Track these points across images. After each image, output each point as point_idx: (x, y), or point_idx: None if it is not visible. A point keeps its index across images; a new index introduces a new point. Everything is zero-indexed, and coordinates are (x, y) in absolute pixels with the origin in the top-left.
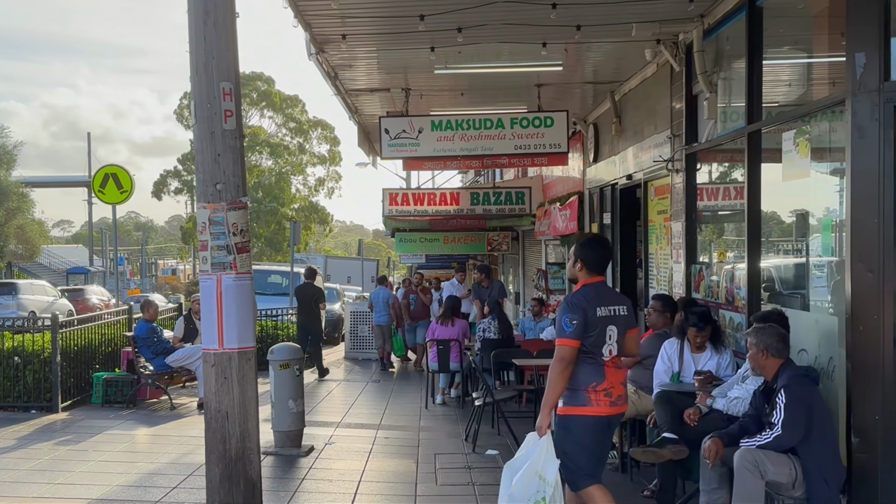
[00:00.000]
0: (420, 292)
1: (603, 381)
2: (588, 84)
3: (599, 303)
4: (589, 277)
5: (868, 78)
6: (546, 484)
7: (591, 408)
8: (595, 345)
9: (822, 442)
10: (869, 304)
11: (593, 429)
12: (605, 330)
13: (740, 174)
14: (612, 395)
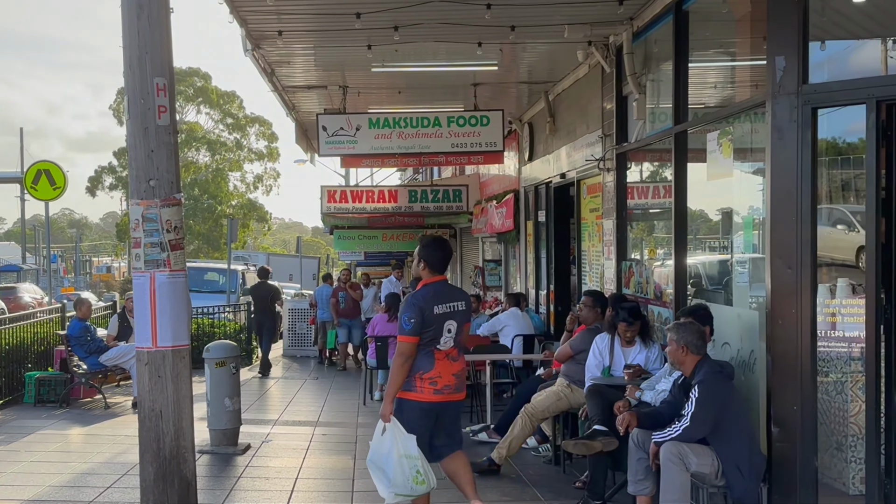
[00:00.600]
0: (349, 289)
1: (430, 371)
2: (523, 84)
3: (437, 301)
4: (431, 277)
5: (787, 81)
6: (413, 459)
7: (416, 393)
8: (433, 339)
9: (736, 434)
10: (787, 298)
11: (418, 413)
12: (442, 325)
13: (668, 173)
14: (438, 384)
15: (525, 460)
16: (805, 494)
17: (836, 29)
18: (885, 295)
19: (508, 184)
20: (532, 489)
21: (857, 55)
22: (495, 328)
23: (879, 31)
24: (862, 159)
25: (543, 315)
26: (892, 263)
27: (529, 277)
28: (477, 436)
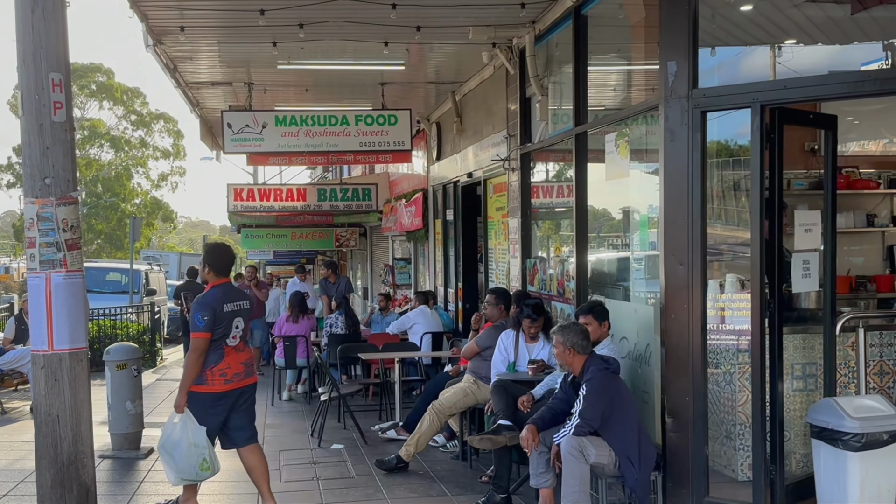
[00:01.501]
0: (254, 288)
1: (220, 363)
2: (431, 84)
3: (226, 300)
4: (217, 279)
5: (679, 85)
6: (201, 448)
7: (207, 386)
8: (223, 335)
9: (626, 427)
10: (680, 294)
11: (210, 403)
12: (231, 322)
13: (570, 173)
14: (228, 374)
15: (433, 457)
16: (697, 482)
17: (725, 36)
18: (769, 289)
19: (417, 183)
20: (439, 485)
21: (747, 61)
22: (404, 326)
23: (766, 39)
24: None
25: (452, 312)
26: (775, 260)
27: (438, 275)
28: (385, 434)
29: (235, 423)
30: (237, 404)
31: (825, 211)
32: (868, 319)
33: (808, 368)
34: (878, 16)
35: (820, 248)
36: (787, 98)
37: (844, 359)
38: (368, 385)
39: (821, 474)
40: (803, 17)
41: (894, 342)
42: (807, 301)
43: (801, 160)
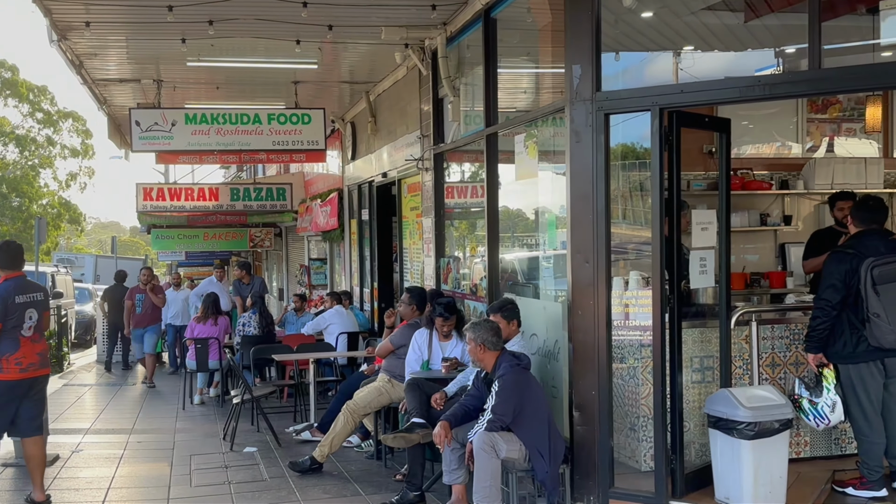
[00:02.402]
0: (149, 292)
1: (16, 352)
2: (345, 83)
3: (18, 292)
4: (8, 273)
5: (583, 88)
6: None
7: (2, 374)
8: (16, 325)
9: (536, 421)
10: (586, 291)
11: (5, 391)
12: (24, 313)
13: (482, 174)
14: (23, 363)
15: (347, 457)
16: (602, 473)
17: (629, 41)
18: (669, 286)
19: (333, 182)
20: (353, 485)
21: (652, 66)
22: (320, 326)
23: (667, 45)
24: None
25: (368, 312)
26: (674, 257)
27: (354, 275)
28: (300, 435)
29: (26, 412)
30: (30, 394)
31: (720, 210)
32: (760, 314)
33: (706, 361)
34: (770, 24)
35: (716, 245)
36: (683, 102)
37: (739, 351)
38: (283, 386)
39: (717, 462)
40: (701, 24)
41: (785, 335)
42: (704, 297)
43: (699, 162)
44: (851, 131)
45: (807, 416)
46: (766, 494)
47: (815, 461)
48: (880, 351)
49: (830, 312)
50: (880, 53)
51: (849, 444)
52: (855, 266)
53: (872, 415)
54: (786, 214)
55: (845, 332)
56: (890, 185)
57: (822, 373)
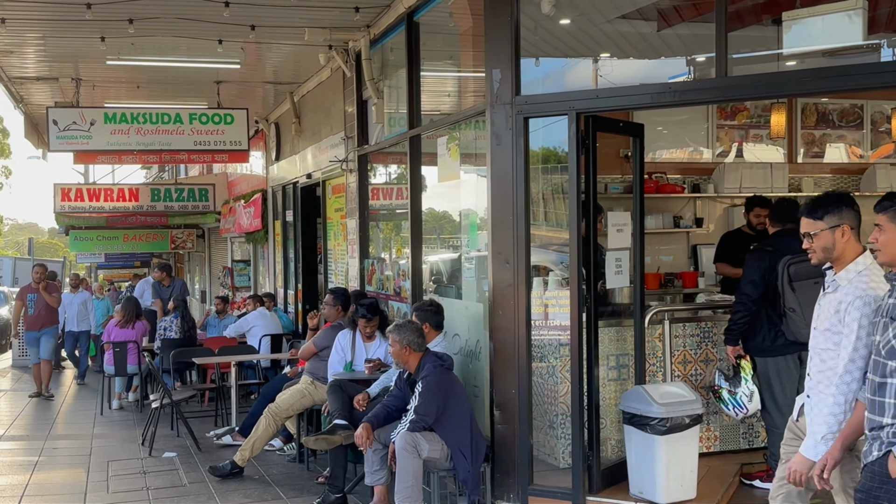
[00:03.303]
0: (42, 291)
1: None
2: (269, 84)
3: None
4: None
5: (503, 92)
6: None
7: None
8: None
9: (458, 421)
10: (506, 291)
11: None
12: None
13: (406, 175)
14: None
15: (269, 461)
16: (522, 471)
17: (548, 47)
18: (586, 286)
19: (256, 183)
20: (275, 488)
21: (572, 72)
22: (242, 329)
23: (585, 52)
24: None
25: (292, 314)
26: (591, 258)
27: (278, 277)
28: (221, 440)
29: None
30: None
31: (635, 212)
32: (673, 313)
33: (622, 359)
34: (681, 33)
35: (631, 247)
36: (599, 107)
37: (653, 349)
38: (203, 390)
39: (632, 458)
40: (616, 32)
41: (696, 333)
42: (620, 296)
43: (616, 166)
44: (758, 137)
45: (726, 406)
46: (677, 488)
47: (724, 455)
48: (797, 345)
49: (750, 307)
50: (784, 63)
51: (755, 437)
52: (773, 263)
53: (785, 407)
54: (697, 217)
55: (764, 327)
56: (794, 189)
57: (741, 364)
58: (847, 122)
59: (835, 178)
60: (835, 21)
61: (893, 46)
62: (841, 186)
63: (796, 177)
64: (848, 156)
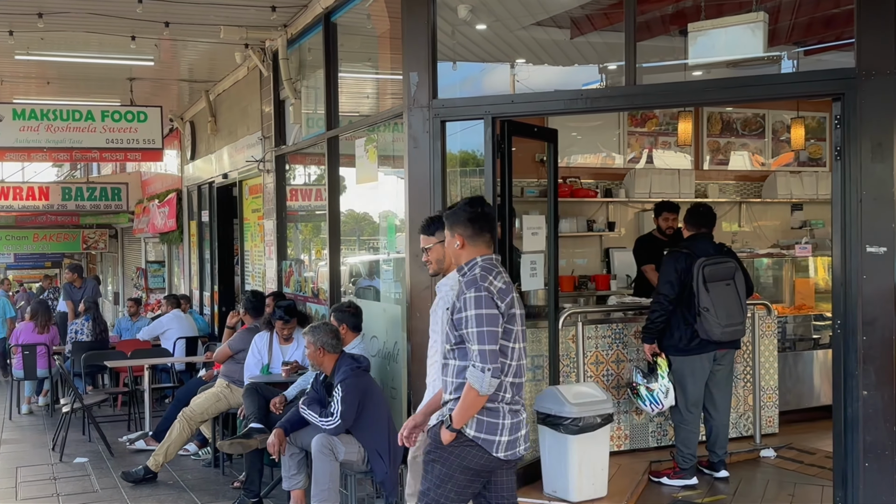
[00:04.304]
0: None
1: None
2: (184, 82)
3: None
4: None
5: (420, 95)
6: None
7: None
8: None
9: (375, 423)
10: (424, 293)
11: None
12: None
13: (324, 176)
14: None
15: (184, 465)
16: None
17: (465, 52)
18: None
19: (171, 183)
20: (189, 494)
21: (491, 77)
22: (156, 332)
23: (502, 57)
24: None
25: (208, 316)
26: (507, 260)
27: (193, 278)
28: (134, 444)
29: None
30: None
31: (549, 216)
32: (586, 315)
33: (537, 360)
34: (594, 41)
35: (545, 250)
36: (514, 112)
37: (567, 350)
38: (116, 394)
39: (546, 457)
40: (531, 38)
41: (608, 334)
42: (535, 298)
43: (532, 170)
44: (667, 144)
45: (644, 402)
46: (589, 486)
47: (634, 453)
48: (711, 344)
49: (667, 307)
50: (692, 73)
51: (664, 436)
52: (688, 265)
53: (694, 405)
54: (610, 221)
55: (680, 327)
56: (700, 195)
57: (657, 362)
58: (750, 131)
59: (738, 185)
60: (737, 33)
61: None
62: (744, 193)
63: (703, 183)
64: (751, 163)
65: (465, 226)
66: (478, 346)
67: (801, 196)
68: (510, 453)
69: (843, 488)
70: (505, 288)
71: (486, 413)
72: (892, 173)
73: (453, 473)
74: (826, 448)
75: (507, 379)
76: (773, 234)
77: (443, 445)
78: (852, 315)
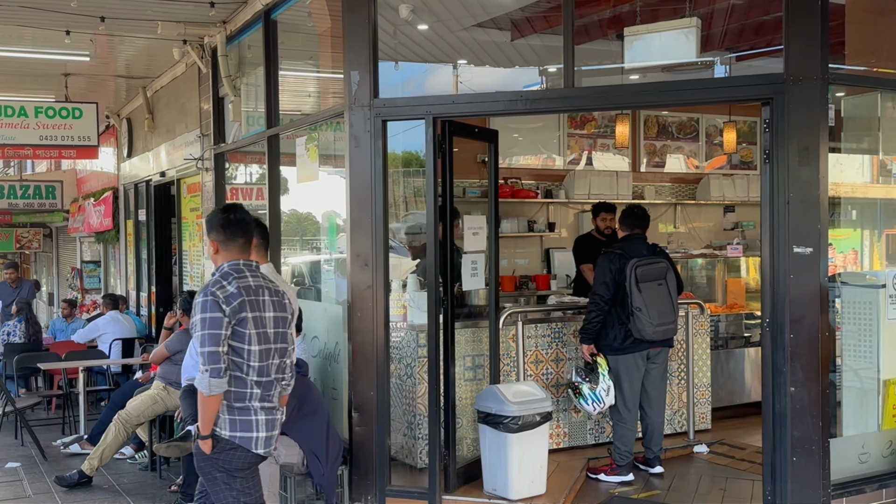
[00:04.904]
0: None
1: None
2: (121, 78)
3: None
4: None
5: (361, 94)
6: None
7: None
8: None
9: (313, 425)
10: (365, 293)
11: None
12: None
13: (265, 175)
14: None
15: (120, 469)
16: (380, 472)
17: (407, 52)
18: (443, 288)
19: (107, 181)
20: (125, 498)
21: (434, 77)
22: (92, 334)
23: (444, 58)
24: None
25: (145, 317)
26: (448, 261)
27: (130, 279)
28: (69, 448)
29: None
30: None
31: (490, 216)
32: (526, 314)
33: (478, 359)
34: (534, 44)
35: (486, 250)
36: (455, 112)
37: (507, 349)
38: (50, 397)
39: (486, 456)
40: (473, 39)
41: (547, 333)
42: (476, 298)
43: (475, 171)
44: (606, 146)
45: (586, 401)
46: (528, 484)
47: (572, 451)
48: (644, 342)
49: (603, 307)
50: (629, 76)
51: (601, 433)
52: (622, 265)
53: (632, 403)
54: (550, 221)
55: (615, 326)
56: (637, 196)
57: (597, 361)
58: (684, 134)
59: (674, 187)
60: (671, 38)
61: (726, 64)
62: (679, 194)
63: (640, 185)
64: (686, 166)
65: (218, 231)
66: (200, 348)
67: (734, 198)
68: (268, 450)
69: (772, 482)
70: (236, 292)
71: (238, 413)
72: (818, 176)
73: (229, 479)
74: (756, 443)
75: (251, 378)
76: (707, 235)
77: (207, 456)
78: (780, 313)
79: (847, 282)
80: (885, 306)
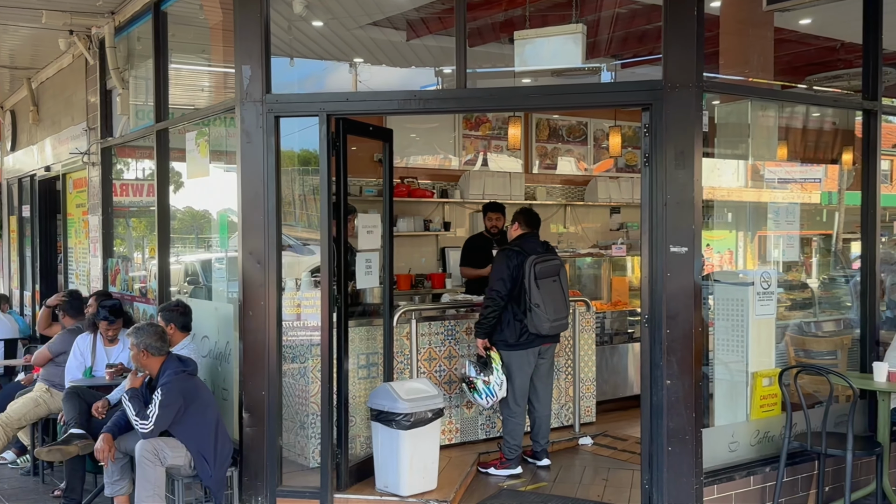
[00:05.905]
0: None
1: None
2: (4, 68)
3: None
4: None
5: (253, 89)
6: None
7: None
8: None
9: (201, 426)
10: (257, 291)
11: None
12: None
13: (154, 170)
14: None
15: (1, 475)
16: (271, 473)
17: (303, 48)
18: (338, 286)
19: None
20: None
21: (332, 75)
22: None
23: (340, 56)
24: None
25: (28, 317)
26: (342, 259)
27: (13, 277)
28: None
29: None
30: None
31: (384, 215)
32: (420, 312)
33: (372, 357)
34: (430, 45)
35: (380, 248)
36: (349, 110)
37: (401, 347)
38: None
39: (378, 453)
40: (369, 38)
41: (440, 331)
42: (371, 296)
43: (372, 169)
44: (499, 148)
45: (480, 396)
46: (419, 480)
47: (464, 446)
48: (539, 338)
49: (499, 302)
50: (521, 79)
51: (492, 428)
52: (520, 262)
53: (521, 398)
54: (446, 221)
55: (511, 323)
56: (530, 197)
57: (490, 356)
58: (574, 137)
59: (564, 188)
60: (559, 43)
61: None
62: (569, 196)
63: (532, 186)
64: (577, 168)
65: None
66: None
67: (619, 200)
68: None
69: (649, 471)
70: None
71: None
72: (693, 179)
73: None
74: (637, 434)
75: None
76: (595, 235)
77: None
78: (658, 310)
79: (719, 280)
80: (754, 303)
